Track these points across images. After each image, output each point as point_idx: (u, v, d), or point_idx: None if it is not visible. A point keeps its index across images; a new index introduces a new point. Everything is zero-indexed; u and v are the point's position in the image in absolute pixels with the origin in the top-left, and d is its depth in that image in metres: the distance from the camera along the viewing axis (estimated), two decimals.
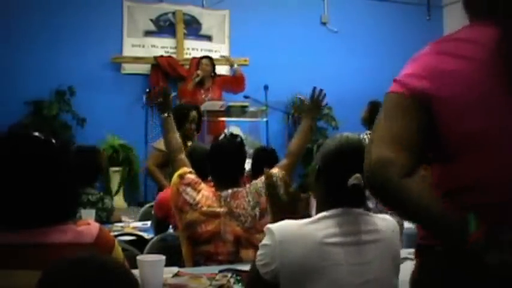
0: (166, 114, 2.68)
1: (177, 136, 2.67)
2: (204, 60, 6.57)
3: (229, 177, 2.53)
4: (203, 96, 6.34)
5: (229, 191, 2.48)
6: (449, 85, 1.13)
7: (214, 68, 6.61)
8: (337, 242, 1.54)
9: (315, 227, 1.56)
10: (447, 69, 1.14)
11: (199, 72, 6.41)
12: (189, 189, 2.47)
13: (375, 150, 1.15)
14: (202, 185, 2.51)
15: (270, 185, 1.86)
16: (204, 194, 2.47)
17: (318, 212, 1.63)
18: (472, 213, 1.09)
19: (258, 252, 1.60)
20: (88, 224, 1.42)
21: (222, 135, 2.70)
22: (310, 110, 2.87)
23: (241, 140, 2.62)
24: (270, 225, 1.60)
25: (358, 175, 1.53)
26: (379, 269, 1.57)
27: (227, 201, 2.46)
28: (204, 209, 2.44)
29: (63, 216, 1.40)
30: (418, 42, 1.76)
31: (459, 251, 1.10)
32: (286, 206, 1.81)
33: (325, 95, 2.87)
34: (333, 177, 1.63)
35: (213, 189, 2.53)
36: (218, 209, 2.45)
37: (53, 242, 1.33)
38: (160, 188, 4.19)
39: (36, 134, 1.42)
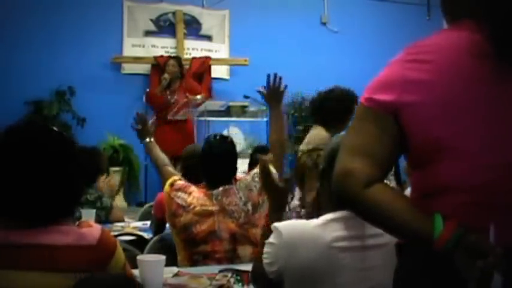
0: (148, 140, 2.84)
1: (160, 153, 2.80)
2: (171, 62, 6.53)
3: (220, 178, 2.55)
4: (169, 97, 6.33)
5: (220, 188, 2.51)
6: (414, 94, 1.13)
7: (182, 69, 6.57)
8: (344, 246, 1.53)
9: (322, 230, 1.55)
10: (413, 77, 1.14)
11: (166, 76, 6.38)
12: (180, 193, 2.52)
13: (339, 160, 1.19)
14: (193, 188, 2.55)
15: (264, 171, 1.85)
16: (195, 195, 2.51)
17: (323, 213, 1.62)
18: (438, 213, 1.11)
19: (264, 250, 1.59)
20: (90, 225, 1.42)
21: (212, 136, 2.70)
22: (271, 98, 2.80)
23: (232, 140, 2.64)
24: (277, 224, 1.59)
25: None
26: (383, 274, 1.54)
27: (218, 199, 2.49)
28: (197, 209, 2.47)
29: (66, 211, 1.40)
30: None
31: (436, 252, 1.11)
32: (282, 190, 1.80)
33: (280, 78, 2.77)
34: None
35: (204, 189, 2.55)
36: (211, 208, 2.47)
37: (54, 243, 1.33)
38: None
39: (50, 126, 1.42)
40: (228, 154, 2.58)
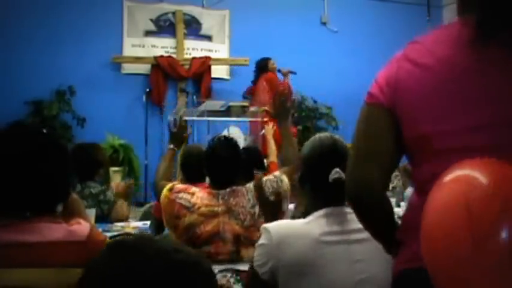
0: (171, 146, 2.82)
1: (169, 167, 2.80)
2: (271, 61, 6.80)
3: (225, 179, 2.55)
4: None
5: (228, 189, 2.50)
6: (404, 92, 1.17)
7: None
8: (332, 240, 1.59)
9: (310, 227, 1.60)
10: (404, 77, 1.18)
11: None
12: (182, 194, 2.50)
13: (353, 167, 1.26)
14: (194, 188, 2.54)
15: (258, 186, 1.90)
16: (199, 195, 2.49)
17: (308, 215, 1.66)
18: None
19: (255, 253, 1.63)
20: (79, 223, 1.44)
21: (216, 137, 2.72)
22: (279, 115, 2.84)
23: (236, 142, 2.65)
24: (265, 225, 1.64)
25: (337, 169, 1.62)
26: (372, 266, 1.59)
27: (225, 199, 2.47)
28: (203, 209, 2.45)
29: (50, 206, 1.41)
30: None
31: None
32: (272, 204, 1.85)
33: (286, 94, 2.87)
34: (316, 178, 1.69)
35: (207, 189, 2.55)
36: (216, 208, 2.46)
37: (44, 239, 1.34)
38: None
39: (20, 123, 1.43)
40: (233, 156, 2.58)
